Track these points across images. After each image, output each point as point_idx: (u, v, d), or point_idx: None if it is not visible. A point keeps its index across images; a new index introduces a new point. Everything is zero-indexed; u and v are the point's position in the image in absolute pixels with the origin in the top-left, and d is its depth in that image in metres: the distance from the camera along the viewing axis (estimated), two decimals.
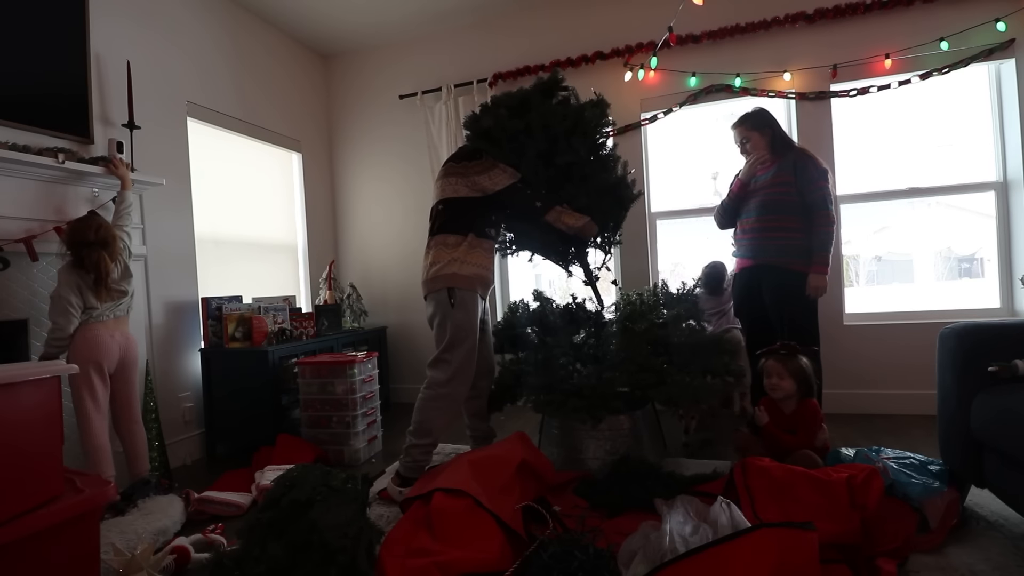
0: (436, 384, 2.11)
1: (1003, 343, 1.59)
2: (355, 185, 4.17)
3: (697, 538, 1.37)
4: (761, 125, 2.51)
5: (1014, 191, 2.92)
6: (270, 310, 3.05)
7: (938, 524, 1.54)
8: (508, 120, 2.24)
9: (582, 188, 2.23)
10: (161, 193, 2.71)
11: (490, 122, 2.28)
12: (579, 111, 2.24)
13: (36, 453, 1.24)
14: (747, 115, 2.56)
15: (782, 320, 2.42)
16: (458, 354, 2.10)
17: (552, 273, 4.06)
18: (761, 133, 2.51)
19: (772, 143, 2.50)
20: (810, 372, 2.06)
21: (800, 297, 2.40)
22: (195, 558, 1.63)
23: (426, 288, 2.18)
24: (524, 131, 2.21)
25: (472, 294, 2.13)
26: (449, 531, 1.47)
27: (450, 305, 2.09)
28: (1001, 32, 2.80)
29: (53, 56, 2.30)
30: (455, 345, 2.10)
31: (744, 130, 2.55)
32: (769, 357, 2.11)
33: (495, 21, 3.73)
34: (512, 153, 2.22)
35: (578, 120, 2.22)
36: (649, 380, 2.08)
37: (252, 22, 3.50)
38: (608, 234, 2.39)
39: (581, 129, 2.22)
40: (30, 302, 2.22)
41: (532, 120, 2.21)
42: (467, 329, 2.12)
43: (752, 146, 2.53)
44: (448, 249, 2.14)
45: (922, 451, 1.95)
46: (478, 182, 2.13)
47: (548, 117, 2.20)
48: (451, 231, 2.16)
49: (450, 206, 2.18)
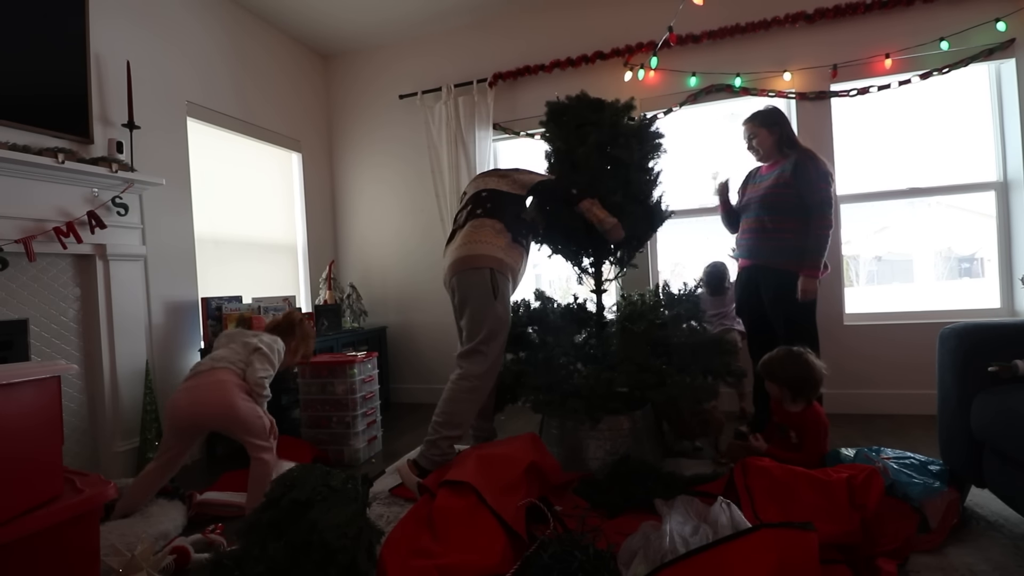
0: (472, 376, 2.05)
1: (1003, 343, 1.59)
2: (355, 185, 4.17)
3: (697, 538, 1.37)
4: (770, 123, 2.50)
5: (1014, 191, 2.92)
6: (270, 310, 3.05)
7: (938, 524, 1.54)
8: (582, 109, 2.36)
9: (622, 187, 2.29)
10: (161, 193, 2.71)
11: (566, 108, 2.39)
12: (644, 126, 2.39)
13: (36, 453, 1.24)
14: (758, 112, 2.55)
15: (780, 320, 2.42)
16: (494, 347, 2.07)
17: (553, 273, 4.06)
18: (769, 131, 2.49)
19: (779, 142, 2.49)
20: (806, 373, 2.01)
21: (797, 298, 2.39)
22: (195, 558, 1.63)
23: (464, 264, 2.07)
24: (594, 123, 2.32)
25: (509, 286, 2.11)
26: (451, 532, 1.47)
27: (492, 295, 2.03)
28: (1001, 32, 2.80)
29: (53, 56, 2.30)
30: (493, 337, 2.06)
31: (753, 126, 2.54)
32: (764, 362, 2.12)
33: (495, 21, 3.73)
34: (576, 140, 2.33)
35: (640, 130, 2.37)
36: (648, 380, 2.08)
37: (252, 22, 3.50)
38: (626, 248, 2.42)
39: (640, 137, 2.36)
40: (30, 302, 2.23)
41: (604, 116, 2.33)
42: (506, 322, 2.10)
43: (759, 143, 2.53)
44: (494, 234, 2.11)
45: (922, 451, 1.95)
46: (519, 179, 2.25)
47: (617, 116, 2.35)
48: (498, 218, 2.15)
49: (495, 197, 2.20)
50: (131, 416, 2.52)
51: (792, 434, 2.02)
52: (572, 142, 2.34)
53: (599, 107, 2.36)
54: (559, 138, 2.39)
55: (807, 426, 1.98)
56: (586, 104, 2.37)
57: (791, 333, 2.32)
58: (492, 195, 2.21)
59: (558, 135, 2.40)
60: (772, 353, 2.12)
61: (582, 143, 2.30)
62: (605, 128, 2.31)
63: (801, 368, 2.02)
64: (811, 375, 2.01)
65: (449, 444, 2.05)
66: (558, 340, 2.31)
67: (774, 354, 2.10)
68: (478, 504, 1.55)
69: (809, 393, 2.03)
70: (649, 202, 2.39)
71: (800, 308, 2.38)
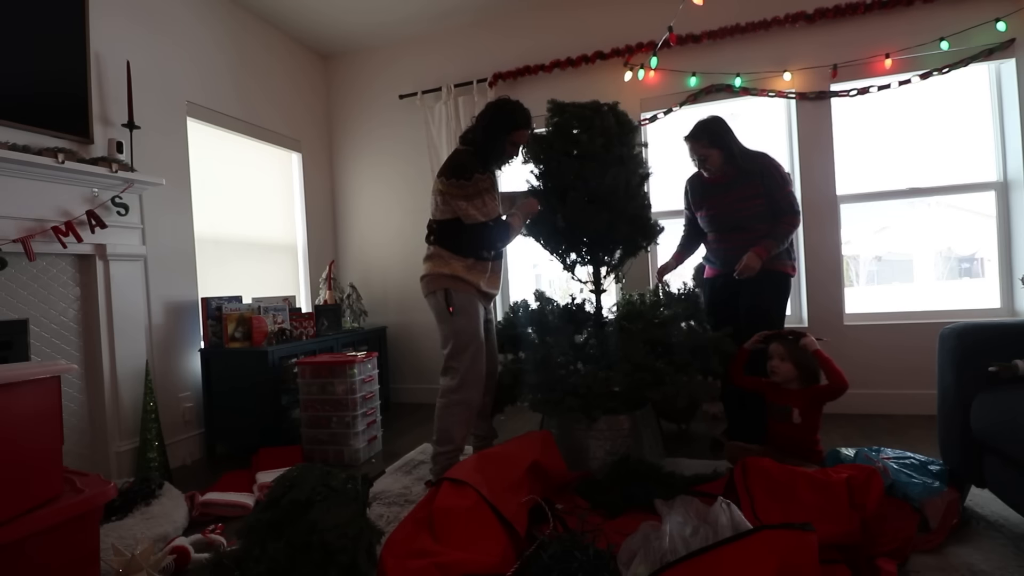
0: (448, 391, 2.12)
1: (1003, 343, 1.59)
2: (355, 185, 4.17)
3: (697, 539, 1.37)
4: (718, 142, 2.37)
5: (1014, 191, 2.92)
6: (270, 310, 3.05)
7: (938, 524, 1.54)
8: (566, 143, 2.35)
9: (602, 171, 2.27)
10: (161, 193, 2.71)
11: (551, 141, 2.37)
12: (631, 154, 2.39)
13: (36, 453, 1.24)
14: (702, 129, 2.40)
15: (755, 314, 2.34)
16: (464, 360, 2.10)
17: (552, 273, 4.05)
18: (720, 150, 2.38)
19: (729, 156, 2.38)
20: (815, 361, 2.03)
21: (773, 292, 2.37)
22: (195, 558, 1.63)
23: (424, 288, 2.17)
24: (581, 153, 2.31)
25: (470, 296, 2.12)
26: (451, 532, 1.47)
27: (448, 312, 2.08)
28: (1001, 32, 2.80)
29: (53, 56, 2.30)
30: (459, 351, 2.10)
31: (701, 147, 2.39)
32: (775, 340, 2.11)
33: (495, 21, 3.73)
34: (562, 172, 2.32)
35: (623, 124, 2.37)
36: (646, 379, 2.08)
37: (252, 22, 3.50)
38: (612, 255, 2.41)
39: (624, 130, 2.36)
40: (30, 302, 2.23)
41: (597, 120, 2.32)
42: (469, 333, 2.11)
43: (711, 163, 2.41)
44: (448, 259, 2.13)
45: (922, 451, 1.95)
46: (459, 208, 2.07)
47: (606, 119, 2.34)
48: (447, 248, 2.14)
49: (442, 228, 2.16)
50: (131, 416, 2.52)
51: (795, 412, 2.01)
52: (559, 174, 2.32)
53: (587, 125, 2.32)
54: (547, 173, 2.37)
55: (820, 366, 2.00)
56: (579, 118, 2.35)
57: (753, 319, 2.29)
58: (439, 227, 2.16)
59: (547, 168, 2.37)
60: (784, 337, 2.11)
61: (569, 175, 2.29)
62: (591, 163, 2.29)
63: (809, 355, 2.05)
64: (814, 363, 2.05)
65: (447, 459, 2.10)
66: (557, 340, 2.31)
67: (794, 337, 2.09)
68: (478, 503, 1.55)
69: (816, 379, 2.06)
70: (640, 219, 2.37)
71: (776, 306, 2.38)
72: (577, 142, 2.31)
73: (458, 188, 2.05)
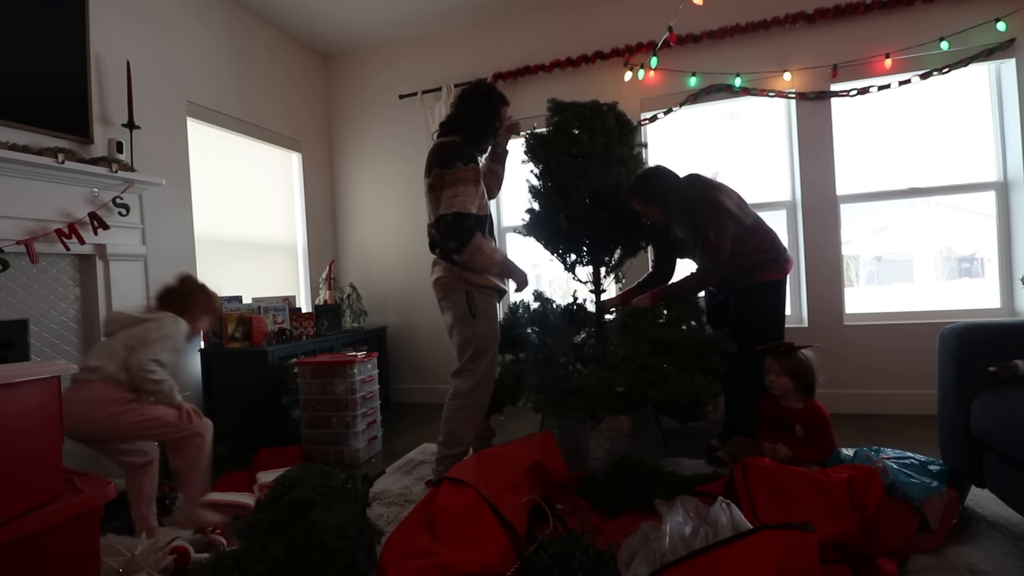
0: (460, 395, 2.09)
1: (1003, 343, 1.59)
2: (355, 185, 4.17)
3: (697, 539, 1.37)
4: (656, 199, 2.28)
5: (1014, 191, 2.92)
6: (270, 310, 3.05)
7: (938, 524, 1.54)
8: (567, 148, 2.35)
9: (604, 171, 2.28)
10: (161, 193, 2.71)
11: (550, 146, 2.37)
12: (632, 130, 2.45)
13: (36, 453, 1.24)
14: (639, 187, 2.30)
15: (737, 322, 2.31)
16: (482, 363, 2.08)
17: (552, 273, 4.05)
18: (659, 207, 2.29)
19: (669, 209, 2.29)
20: (811, 370, 2.04)
21: (763, 303, 2.30)
22: (195, 558, 1.63)
23: (440, 289, 2.10)
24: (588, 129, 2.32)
25: (490, 298, 2.11)
26: (451, 532, 1.47)
27: (471, 315, 2.04)
28: (1001, 32, 2.80)
29: (53, 56, 2.30)
30: (479, 355, 2.08)
31: (642, 204, 2.31)
32: (768, 354, 2.11)
33: (495, 21, 3.73)
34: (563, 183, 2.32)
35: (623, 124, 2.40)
36: (648, 379, 2.08)
37: (252, 22, 3.50)
38: (612, 255, 2.42)
39: (624, 130, 2.40)
40: (30, 302, 2.22)
41: (597, 121, 2.33)
42: (490, 338, 2.09)
43: (653, 218, 2.34)
44: (458, 269, 2.06)
45: (922, 451, 1.95)
46: (444, 198, 1.98)
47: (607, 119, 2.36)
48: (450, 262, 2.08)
49: (433, 239, 2.11)
50: None
51: (797, 427, 2.02)
52: (561, 174, 2.32)
53: (586, 125, 2.33)
54: (548, 172, 2.38)
55: (817, 422, 2.00)
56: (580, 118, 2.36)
57: (737, 331, 2.25)
58: (430, 231, 2.11)
59: (548, 167, 2.37)
60: (779, 348, 2.10)
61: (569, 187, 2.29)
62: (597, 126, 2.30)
63: (806, 364, 2.04)
64: (813, 372, 2.05)
65: (452, 462, 2.07)
66: (558, 340, 2.31)
67: (785, 349, 2.09)
68: (478, 503, 1.55)
69: (813, 390, 2.05)
70: (640, 219, 2.37)
71: (771, 312, 2.33)
72: (578, 142, 2.31)
73: (448, 176, 1.99)
